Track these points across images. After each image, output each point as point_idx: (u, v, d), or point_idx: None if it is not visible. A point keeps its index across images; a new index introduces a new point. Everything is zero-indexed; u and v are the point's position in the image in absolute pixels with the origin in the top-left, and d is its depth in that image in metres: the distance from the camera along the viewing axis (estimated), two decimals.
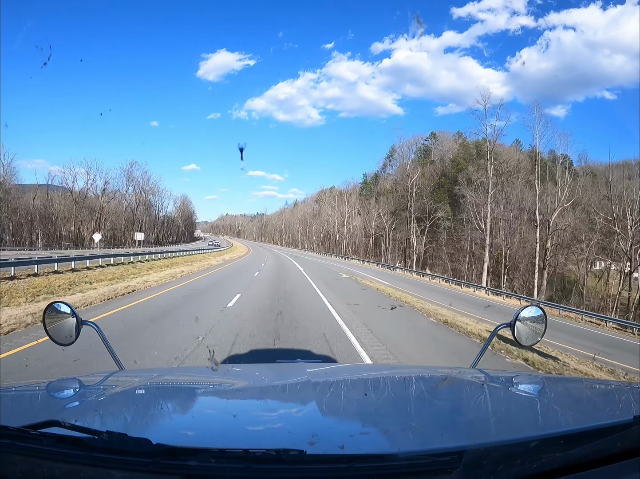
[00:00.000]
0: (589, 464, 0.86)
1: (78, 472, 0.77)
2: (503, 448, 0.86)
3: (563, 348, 11.66)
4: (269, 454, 0.76)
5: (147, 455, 0.76)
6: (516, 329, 1.74)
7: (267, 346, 6.92)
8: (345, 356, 6.55)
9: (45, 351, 5.79)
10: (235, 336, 7.51)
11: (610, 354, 12.87)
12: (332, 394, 1.53)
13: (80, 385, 1.47)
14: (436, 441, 1.02)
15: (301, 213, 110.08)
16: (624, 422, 0.89)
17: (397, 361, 6.59)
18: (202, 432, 1.05)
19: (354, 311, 11.76)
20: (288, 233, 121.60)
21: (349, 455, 0.81)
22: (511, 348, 7.72)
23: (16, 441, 0.77)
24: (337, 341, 7.63)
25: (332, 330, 8.62)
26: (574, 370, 7.73)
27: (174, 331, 7.79)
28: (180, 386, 1.64)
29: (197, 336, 7.38)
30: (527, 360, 7.27)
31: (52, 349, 5.28)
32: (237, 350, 6.60)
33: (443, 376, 1.74)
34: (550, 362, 7.47)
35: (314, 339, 7.65)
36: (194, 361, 5.81)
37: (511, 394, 1.49)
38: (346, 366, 2.72)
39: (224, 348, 6.64)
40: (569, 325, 22.50)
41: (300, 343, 7.30)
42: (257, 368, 2.32)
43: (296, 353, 6.42)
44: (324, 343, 7.35)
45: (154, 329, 8.06)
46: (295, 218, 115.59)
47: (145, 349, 6.44)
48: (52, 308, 1.73)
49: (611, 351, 13.81)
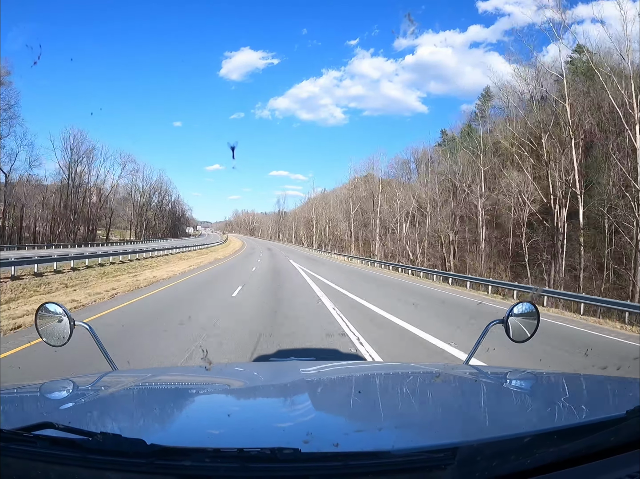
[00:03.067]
0: (583, 458, 0.87)
1: (72, 474, 0.77)
2: (497, 444, 0.86)
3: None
4: (264, 453, 0.76)
5: (141, 456, 0.75)
6: (509, 325, 1.75)
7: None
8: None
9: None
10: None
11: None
12: (326, 392, 1.53)
13: (74, 386, 1.46)
14: (430, 437, 1.03)
15: (336, 198, 75.99)
16: (617, 417, 0.90)
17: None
18: (196, 432, 1.05)
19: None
20: (320, 226, 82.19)
21: (343, 453, 0.81)
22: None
23: (9, 444, 0.77)
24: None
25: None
26: None
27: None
28: (174, 386, 1.64)
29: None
30: None
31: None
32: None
33: (436, 373, 1.75)
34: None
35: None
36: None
37: (504, 390, 1.50)
38: (340, 365, 2.72)
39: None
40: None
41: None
42: (251, 367, 2.32)
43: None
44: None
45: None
46: (326, 206, 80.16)
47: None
48: (44, 309, 1.72)
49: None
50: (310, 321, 9.19)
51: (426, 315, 11.35)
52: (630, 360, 6.89)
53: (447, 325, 9.53)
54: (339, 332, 8.07)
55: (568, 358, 7.34)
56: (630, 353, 8.09)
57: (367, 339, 7.51)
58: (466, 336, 7.42)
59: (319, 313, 10.26)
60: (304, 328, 8.27)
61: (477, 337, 1.81)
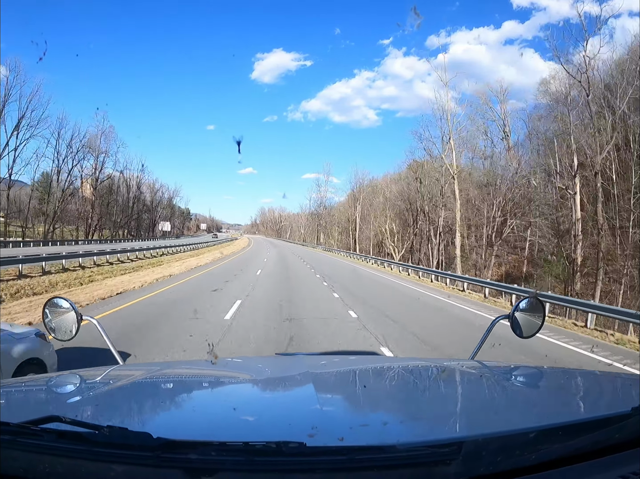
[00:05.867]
0: (588, 455, 0.87)
1: (79, 467, 0.77)
2: (502, 439, 0.86)
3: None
4: (269, 447, 0.76)
5: (148, 449, 0.76)
6: (515, 321, 1.75)
7: None
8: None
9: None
10: None
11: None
12: (332, 386, 1.54)
13: (81, 379, 1.48)
14: (435, 432, 1.03)
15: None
16: (622, 413, 0.90)
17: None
18: (202, 425, 1.06)
19: None
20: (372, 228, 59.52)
21: (348, 447, 0.81)
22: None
23: (17, 437, 0.78)
24: None
25: None
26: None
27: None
28: (180, 380, 1.65)
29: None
30: None
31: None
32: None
33: (442, 368, 1.74)
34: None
35: None
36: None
37: (510, 385, 1.50)
38: (346, 358, 2.73)
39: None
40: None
41: None
42: (257, 361, 2.33)
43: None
44: None
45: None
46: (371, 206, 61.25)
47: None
48: (52, 304, 1.73)
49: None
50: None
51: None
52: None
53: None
54: None
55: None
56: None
57: None
58: None
59: None
60: None
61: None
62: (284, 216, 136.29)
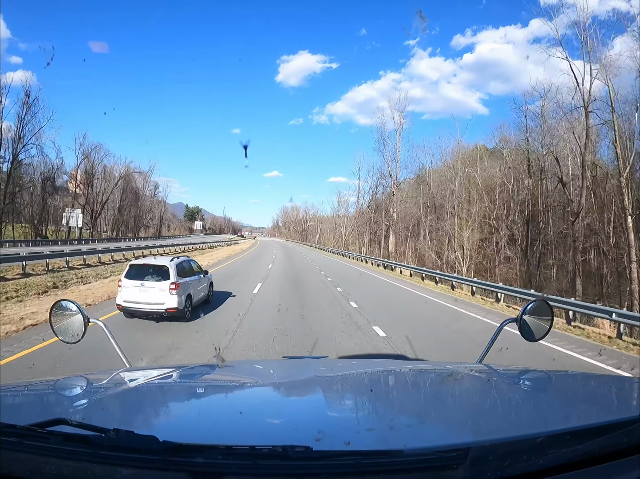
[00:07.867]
0: (595, 460, 0.86)
1: (85, 469, 0.78)
2: (509, 444, 0.85)
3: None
4: (276, 451, 0.76)
5: (154, 452, 0.76)
6: (523, 324, 1.73)
7: None
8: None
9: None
10: None
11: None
12: (339, 390, 1.53)
13: (87, 382, 1.48)
14: (442, 437, 1.02)
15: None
16: (630, 419, 0.89)
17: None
18: (208, 429, 1.06)
19: None
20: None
21: (354, 451, 0.81)
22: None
23: (24, 440, 0.78)
24: None
25: None
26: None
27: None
28: (187, 384, 1.65)
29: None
30: None
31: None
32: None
33: (449, 372, 1.73)
34: None
35: None
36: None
37: (517, 390, 1.49)
38: (352, 362, 2.72)
39: None
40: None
41: None
42: (263, 365, 2.32)
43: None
44: None
45: None
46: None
47: None
48: (59, 306, 1.74)
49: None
50: None
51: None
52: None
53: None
54: None
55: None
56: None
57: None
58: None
59: None
60: None
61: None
62: (310, 216, 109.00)
